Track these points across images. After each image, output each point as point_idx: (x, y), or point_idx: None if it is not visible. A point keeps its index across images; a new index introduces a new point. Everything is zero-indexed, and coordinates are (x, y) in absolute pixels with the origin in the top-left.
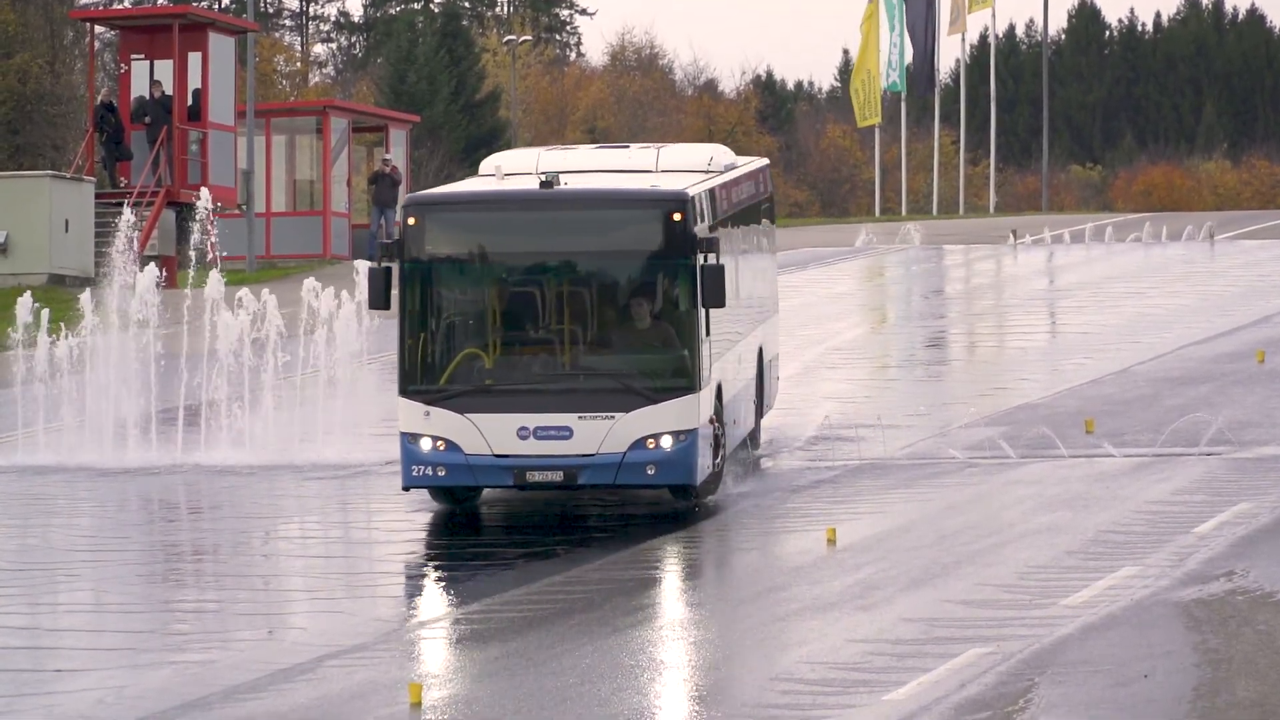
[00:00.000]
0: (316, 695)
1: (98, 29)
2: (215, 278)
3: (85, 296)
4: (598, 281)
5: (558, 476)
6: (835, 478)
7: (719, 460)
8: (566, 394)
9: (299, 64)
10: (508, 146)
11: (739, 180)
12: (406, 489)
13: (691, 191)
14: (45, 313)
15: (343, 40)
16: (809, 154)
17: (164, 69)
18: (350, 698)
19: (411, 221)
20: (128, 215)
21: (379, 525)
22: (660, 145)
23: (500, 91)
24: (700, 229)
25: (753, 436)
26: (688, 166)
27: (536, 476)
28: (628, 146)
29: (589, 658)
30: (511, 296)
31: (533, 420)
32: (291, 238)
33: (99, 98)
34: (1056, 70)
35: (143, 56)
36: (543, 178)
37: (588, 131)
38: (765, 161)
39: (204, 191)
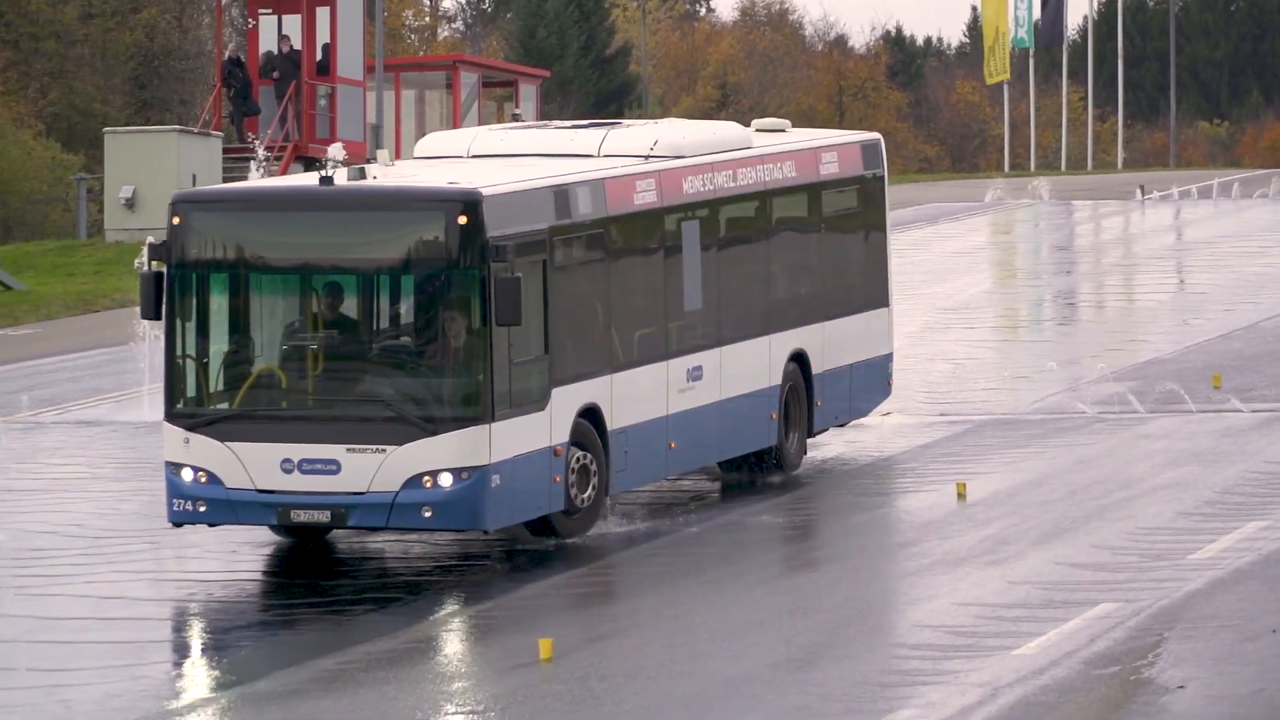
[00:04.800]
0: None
1: None
2: None
3: None
4: (374, 294)
5: (324, 517)
6: (964, 433)
7: (588, 494)
8: (334, 423)
9: (428, 18)
10: (638, 102)
11: (706, 168)
12: (176, 525)
13: (490, 191)
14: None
15: None
16: (939, 110)
17: (292, 23)
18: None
19: (175, 221)
20: (256, 170)
21: None
22: (616, 124)
23: (630, 47)
24: (498, 235)
25: (780, 454)
26: (631, 151)
27: (301, 516)
28: (589, 126)
29: (721, 612)
30: (280, 309)
31: (298, 451)
32: None
33: (227, 53)
34: (1183, 26)
35: (271, 11)
36: (323, 172)
37: (718, 87)
38: (850, 137)
39: (337, 146)
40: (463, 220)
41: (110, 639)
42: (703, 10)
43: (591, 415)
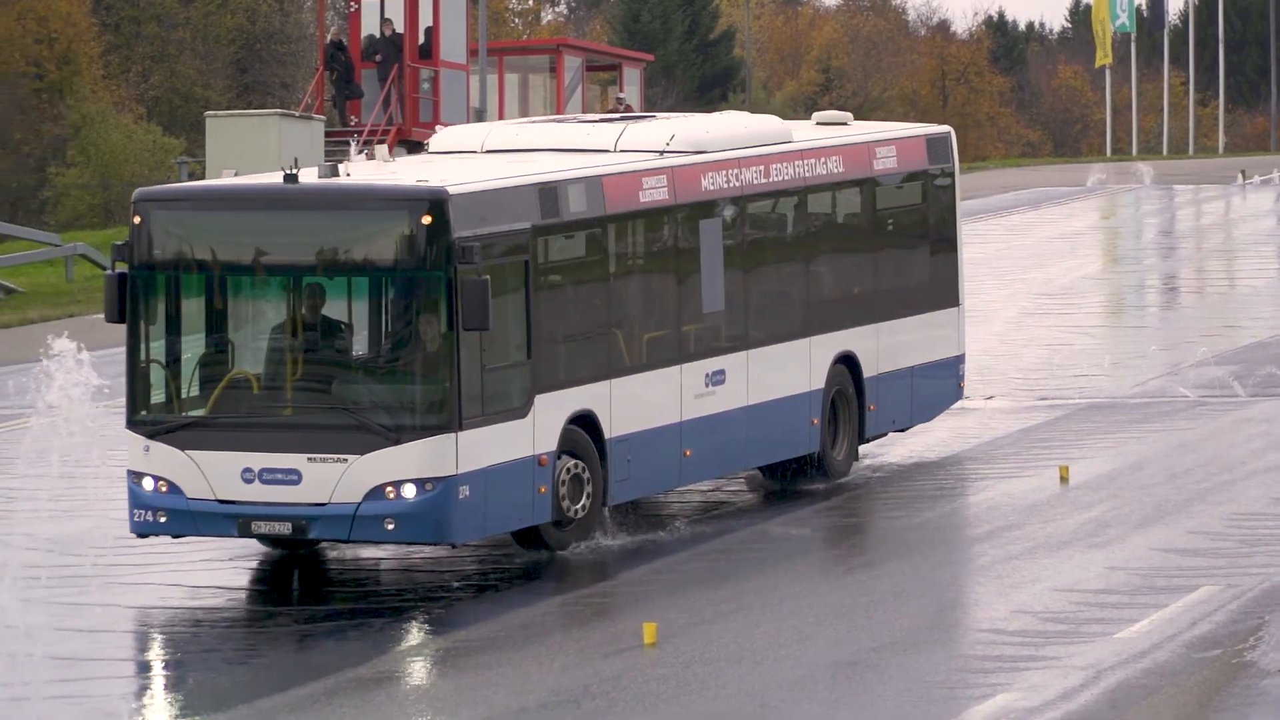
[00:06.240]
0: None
1: None
2: None
3: None
4: (338, 296)
5: (285, 528)
6: (1066, 417)
7: (582, 504)
8: (295, 431)
9: (531, 2)
10: (742, 87)
11: (731, 164)
12: (140, 536)
13: (458, 190)
14: None
15: None
16: (1041, 94)
17: (395, 7)
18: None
19: (136, 220)
20: (356, 153)
21: None
22: (646, 116)
23: (734, 31)
24: (466, 235)
25: (824, 460)
26: (647, 146)
27: (263, 527)
28: (616, 119)
29: (826, 595)
30: (242, 311)
31: (258, 460)
32: None
33: (329, 36)
34: None
35: None
36: (287, 170)
37: (821, 72)
38: (914, 131)
39: (440, 129)
40: (426, 220)
41: (198, 629)
42: None
43: (586, 422)
